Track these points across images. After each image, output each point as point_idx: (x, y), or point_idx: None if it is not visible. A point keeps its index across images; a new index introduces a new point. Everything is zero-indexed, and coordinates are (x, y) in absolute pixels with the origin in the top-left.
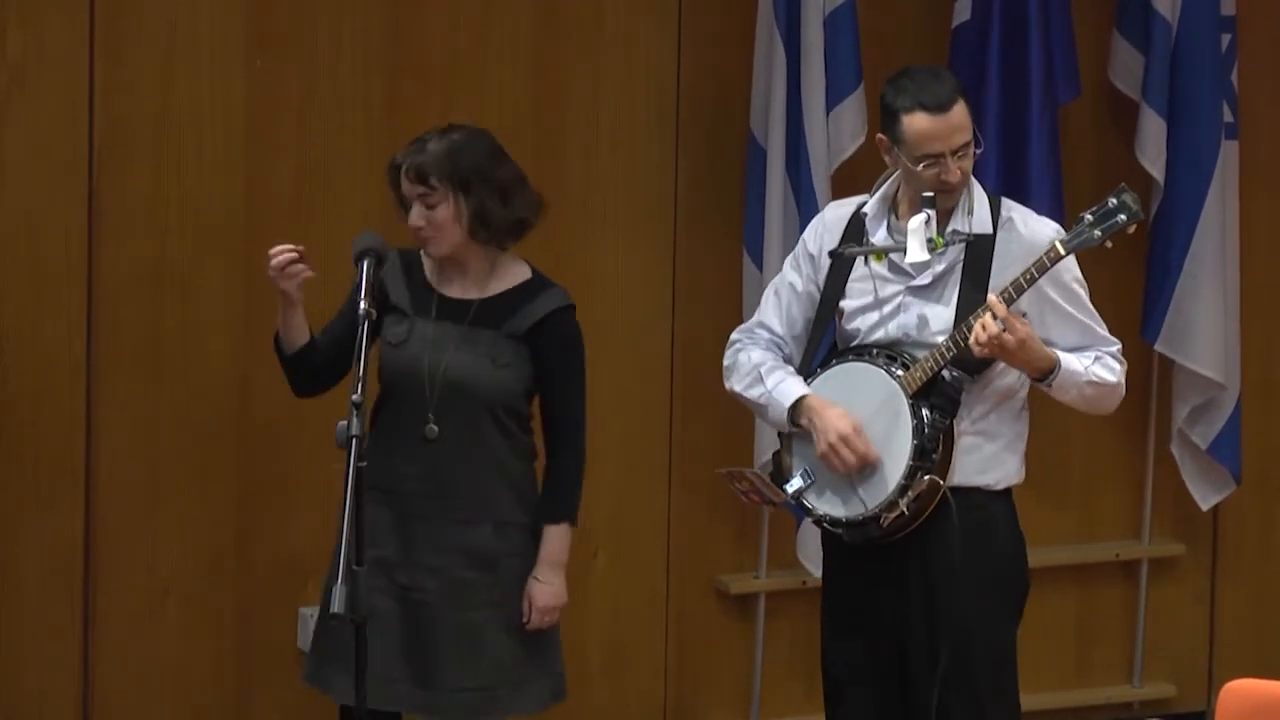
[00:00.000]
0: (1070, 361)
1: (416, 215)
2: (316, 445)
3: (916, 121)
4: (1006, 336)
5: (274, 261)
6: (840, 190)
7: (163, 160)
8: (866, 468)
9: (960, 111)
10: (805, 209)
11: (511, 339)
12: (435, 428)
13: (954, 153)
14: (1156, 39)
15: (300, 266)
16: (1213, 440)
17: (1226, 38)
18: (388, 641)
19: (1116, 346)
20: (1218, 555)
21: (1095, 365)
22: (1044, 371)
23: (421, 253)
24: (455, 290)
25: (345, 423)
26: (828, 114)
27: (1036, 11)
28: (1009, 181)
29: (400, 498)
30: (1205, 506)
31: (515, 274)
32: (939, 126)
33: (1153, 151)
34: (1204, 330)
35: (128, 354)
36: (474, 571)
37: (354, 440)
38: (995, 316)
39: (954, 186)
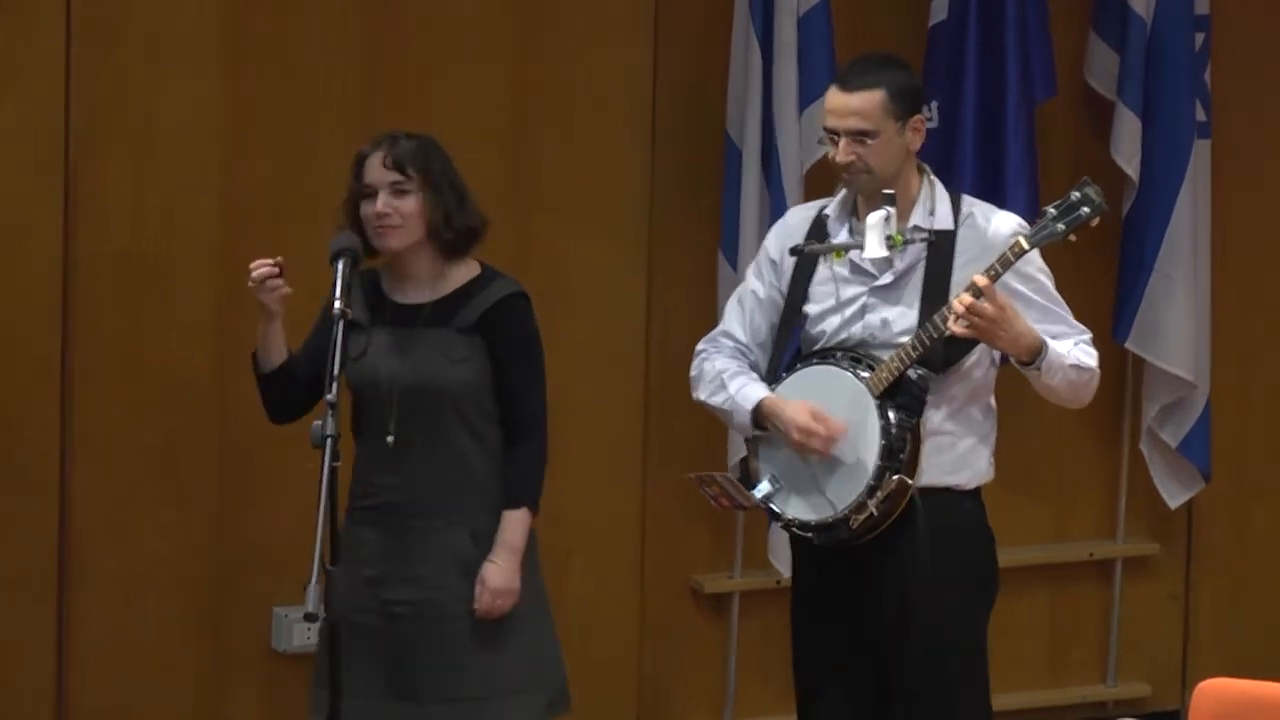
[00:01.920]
0: (1055, 344)
1: (384, 203)
2: (292, 445)
3: (829, 92)
4: (985, 305)
5: (254, 274)
6: (813, 192)
7: (140, 159)
8: (836, 467)
9: (867, 99)
10: (777, 210)
11: (464, 332)
12: (393, 436)
13: (848, 133)
14: (1132, 38)
15: (279, 281)
16: (1183, 438)
17: (1200, 37)
18: (373, 660)
19: (1088, 335)
20: (1192, 554)
21: (1075, 349)
22: (1032, 352)
23: (379, 269)
24: (408, 296)
25: (320, 422)
26: (800, 114)
27: (1013, 11)
28: (986, 180)
29: (379, 512)
30: (1174, 505)
31: (465, 273)
32: (836, 101)
33: (1128, 150)
34: (1175, 329)
35: (104, 353)
36: (456, 579)
37: (329, 440)
38: (976, 293)
39: (843, 168)
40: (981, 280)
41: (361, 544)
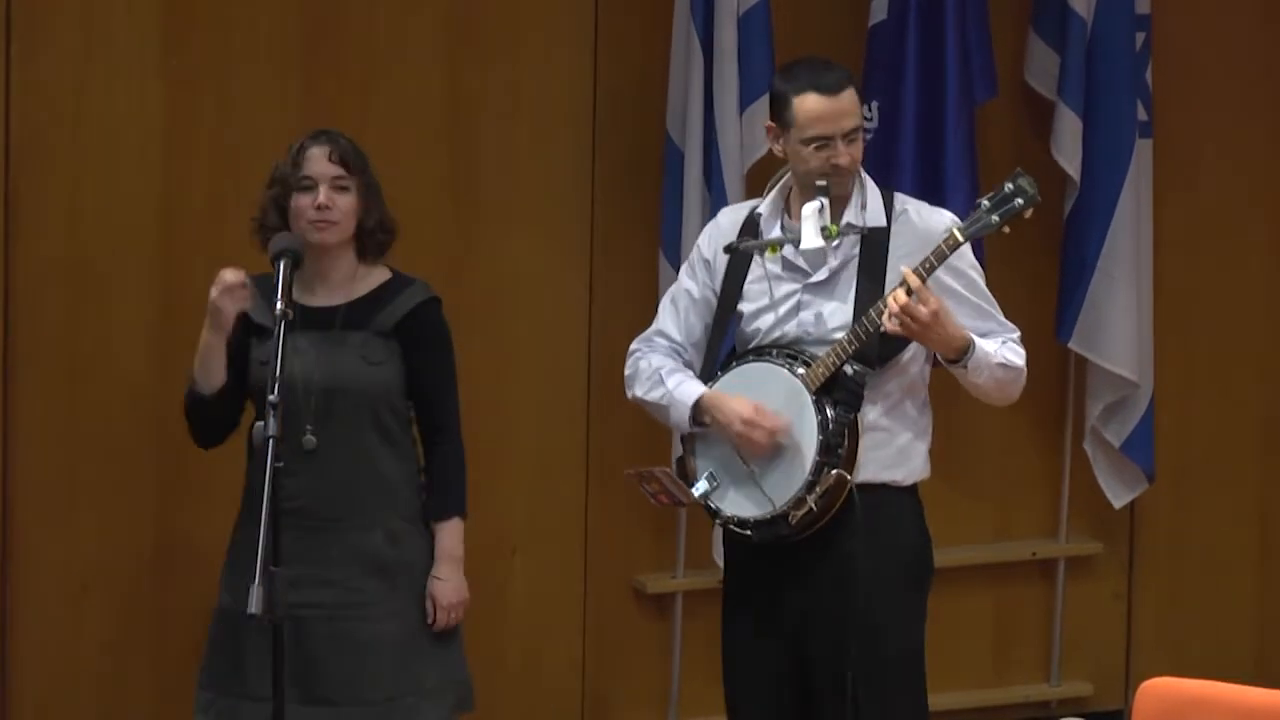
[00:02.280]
0: (982, 343)
1: (326, 197)
2: (233, 445)
3: (808, 102)
4: (919, 307)
5: (229, 280)
6: (754, 192)
7: (79, 161)
8: (774, 464)
9: (850, 97)
10: (717, 210)
11: (381, 336)
12: (313, 438)
13: (844, 136)
14: (1072, 38)
15: (247, 291)
16: (1126, 438)
17: (1141, 36)
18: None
19: (1017, 334)
20: (1134, 554)
21: (1003, 348)
22: (959, 350)
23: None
24: (319, 299)
25: (262, 423)
26: (741, 114)
27: (953, 11)
28: (926, 181)
29: (287, 515)
30: (1118, 504)
31: (377, 276)
32: (829, 107)
33: (1069, 150)
34: (1118, 329)
35: (44, 354)
36: (371, 581)
37: (271, 441)
38: (909, 290)
39: (844, 171)
40: (914, 280)
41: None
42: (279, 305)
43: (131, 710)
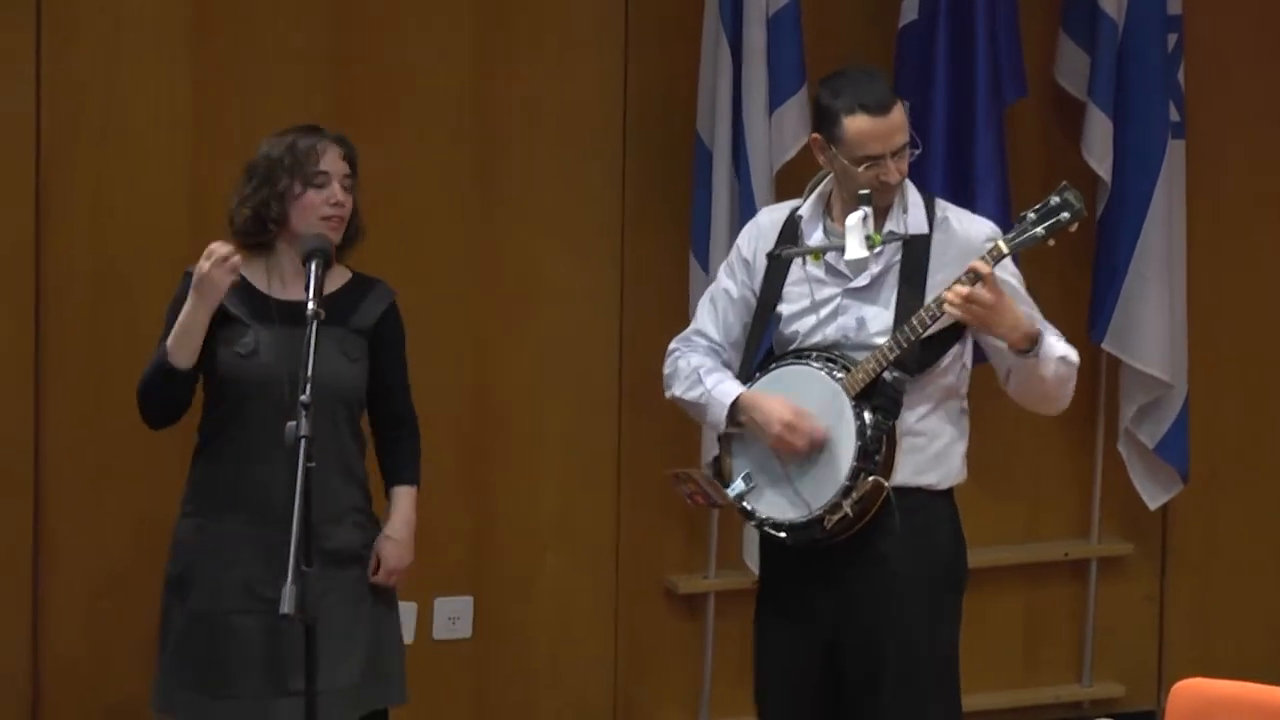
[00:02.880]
0: (1049, 332)
1: (341, 193)
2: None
3: (858, 123)
4: (983, 292)
5: (219, 252)
6: (783, 192)
7: (108, 160)
8: (810, 467)
9: (899, 112)
10: (747, 211)
11: (358, 333)
12: (303, 435)
13: (893, 154)
14: (1103, 39)
15: (239, 259)
16: (1160, 439)
17: (1173, 37)
18: (250, 660)
19: (1062, 337)
20: (1166, 554)
21: (1061, 343)
22: (1030, 338)
23: (241, 267)
24: (291, 293)
25: (294, 423)
26: (770, 115)
27: (983, 12)
28: (955, 182)
29: (262, 510)
30: (1153, 506)
31: (339, 273)
32: (880, 127)
33: (1099, 151)
34: (1151, 329)
35: (73, 351)
36: (342, 569)
37: (302, 440)
38: (975, 279)
39: (892, 187)
40: (983, 266)
41: (234, 543)
42: (311, 306)
43: None
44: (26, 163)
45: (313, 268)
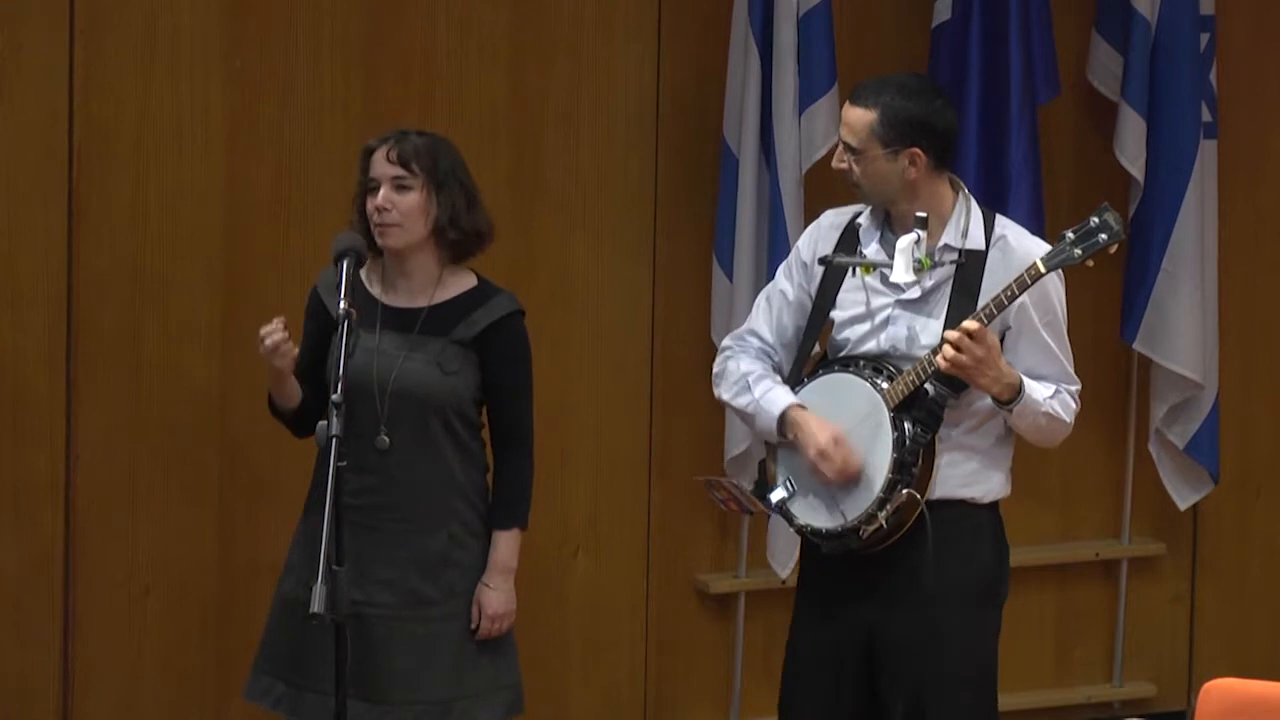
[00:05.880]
0: (1033, 389)
1: (384, 197)
2: (296, 445)
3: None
4: (974, 347)
5: (267, 343)
6: (812, 194)
7: (142, 161)
8: (849, 479)
9: (859, 117)
10: (775, 212)
11: (459, 345)
12: (386, 438)
13: (843, 145)
14: (1136, 39)
15: (290, 345)
16: (1190, 439)
17: (1205, 37)
18: (330, 657)
19: (1077, 387)
20: (1197, 554)
21: (1053, 399)
22: (1011, 390)
23: (363, 270)
24: (401, 299)
25: (325, 423)
26: (799, 116)
27: (1016, 12)
28: (989, 181)
29: (352, 511)
30: (1183, 506)
31: (462, 282)
32: (842, 112)
33: (1132, 151)
34: (1182, 329)
35: (107, 355)
36: (429, 582)
37: (334, 440)
38: (969, 334)
39: (843, 174)
40: (973, 325)
41: (319, 540)
42: (341, 305)
43: (192, 710)
44: (60, 164)
45: (344, 267)
